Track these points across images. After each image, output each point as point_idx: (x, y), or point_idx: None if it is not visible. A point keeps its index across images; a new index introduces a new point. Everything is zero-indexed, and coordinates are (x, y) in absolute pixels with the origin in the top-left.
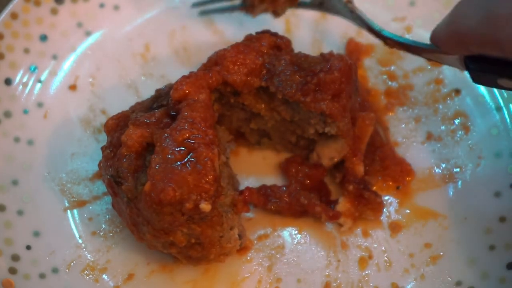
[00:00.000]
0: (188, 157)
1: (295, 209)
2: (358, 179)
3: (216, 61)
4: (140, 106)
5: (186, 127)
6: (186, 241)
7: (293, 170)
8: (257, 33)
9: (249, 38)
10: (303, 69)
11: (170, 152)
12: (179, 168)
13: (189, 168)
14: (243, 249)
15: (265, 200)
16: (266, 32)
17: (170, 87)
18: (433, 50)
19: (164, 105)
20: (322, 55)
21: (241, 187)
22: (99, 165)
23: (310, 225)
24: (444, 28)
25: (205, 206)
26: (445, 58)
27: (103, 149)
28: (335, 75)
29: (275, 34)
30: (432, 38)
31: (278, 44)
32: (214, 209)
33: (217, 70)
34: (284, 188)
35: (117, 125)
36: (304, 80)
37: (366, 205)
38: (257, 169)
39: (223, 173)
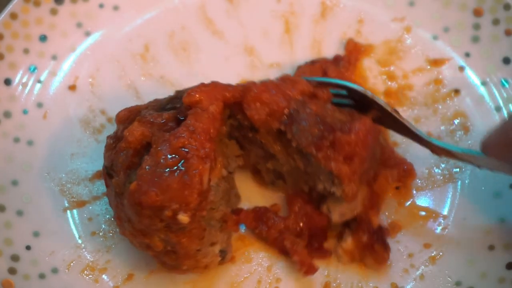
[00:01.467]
0: (179, 165)
1: (278, 246)
2: (373, 229)
3: (242, 90)
4: (155, 103)
5: (185, 135)
6: (162, 246)
7: (297, 206)
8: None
9: (284, 79)
10: (325, 123)
11: (163, 157)
12: (167, 174)
13: (176, 177)
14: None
15: (256, 225)
16: (304, 79)
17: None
18: (485, 158)
19: (176, 108)
20: (351, 113)
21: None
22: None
23: None
24: (497, 138)
25: (183, 218)
26: (496, 165)
27: (107, 138)
28: (351, 138)
29: (316, 84)
30: (483, 147)
31: (315, 93)
32: (194, 222)
33: (239, 88)
34: (278, 219)
35: (128, 118)
36: (321, 134)
37: (372, 254)
38: (263, 195)
39: (219, 187)
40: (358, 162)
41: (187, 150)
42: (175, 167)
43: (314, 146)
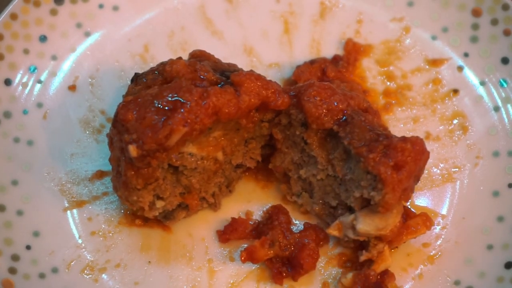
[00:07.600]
0: (166, 108)
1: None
2: (376, 276)
3: (302, 87)
4: (224, 65)
5: (194, 96)
6: (116, 164)
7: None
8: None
9: (343, 90)
10: (376, 134)
11: (165, 96)
12: (152, 108)
13: (155, 117)
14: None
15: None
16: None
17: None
18: None
19: (228, 77)
20: (405, 137)
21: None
22: None
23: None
24: None
25: (132, 150)
26: None
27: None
28: (407, 146)
29: (370, 105)
30: None
31: (368, 110)
32: (144, 163)
33: (288, 95)
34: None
35: (197, 57)
36: (376, 138)
37: None
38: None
39: (197, 160)
40: (406, 174)
41: (183, 105)
42: (162, 107)
43: (366, 148)
